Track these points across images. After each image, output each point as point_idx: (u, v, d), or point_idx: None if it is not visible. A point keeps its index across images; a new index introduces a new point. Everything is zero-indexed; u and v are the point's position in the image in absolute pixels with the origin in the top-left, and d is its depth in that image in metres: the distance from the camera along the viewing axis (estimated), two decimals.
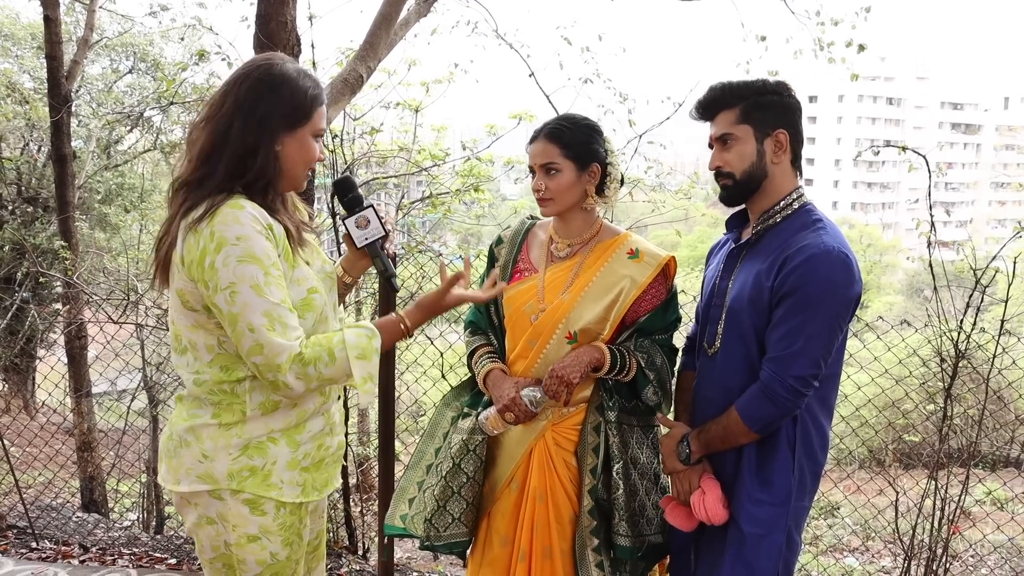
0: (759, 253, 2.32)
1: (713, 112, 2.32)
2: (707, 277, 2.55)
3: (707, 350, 2.42)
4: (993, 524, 4.95)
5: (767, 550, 2.27)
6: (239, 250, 1.85)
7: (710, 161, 2.36)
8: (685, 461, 2.38)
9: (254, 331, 1.85)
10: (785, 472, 2.28)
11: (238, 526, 2.00)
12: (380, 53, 4.68)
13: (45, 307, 9.88)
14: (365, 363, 1.95)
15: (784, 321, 2.19)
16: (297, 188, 2.10)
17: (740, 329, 2.31)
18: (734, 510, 2.31)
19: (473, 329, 2.79)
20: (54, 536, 4.78)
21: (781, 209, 2.31)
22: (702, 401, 2.46)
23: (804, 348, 2.17)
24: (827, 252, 2.16)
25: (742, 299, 2.30)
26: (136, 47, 13.57)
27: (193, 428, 2.00)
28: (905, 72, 76.18)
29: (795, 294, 2.16)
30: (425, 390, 5.21)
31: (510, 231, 2.79)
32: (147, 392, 5.82)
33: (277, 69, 1.98)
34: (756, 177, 2.30)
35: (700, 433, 2.36)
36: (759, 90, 2.28)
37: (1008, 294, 3.74)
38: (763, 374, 2.23)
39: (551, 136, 2.52)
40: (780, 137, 2.28)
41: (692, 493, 2.37)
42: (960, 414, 4.19)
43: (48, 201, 10.75)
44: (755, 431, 2.25)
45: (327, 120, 2.26)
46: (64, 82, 6.53)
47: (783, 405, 2.20)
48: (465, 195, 6.47)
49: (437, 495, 2.58)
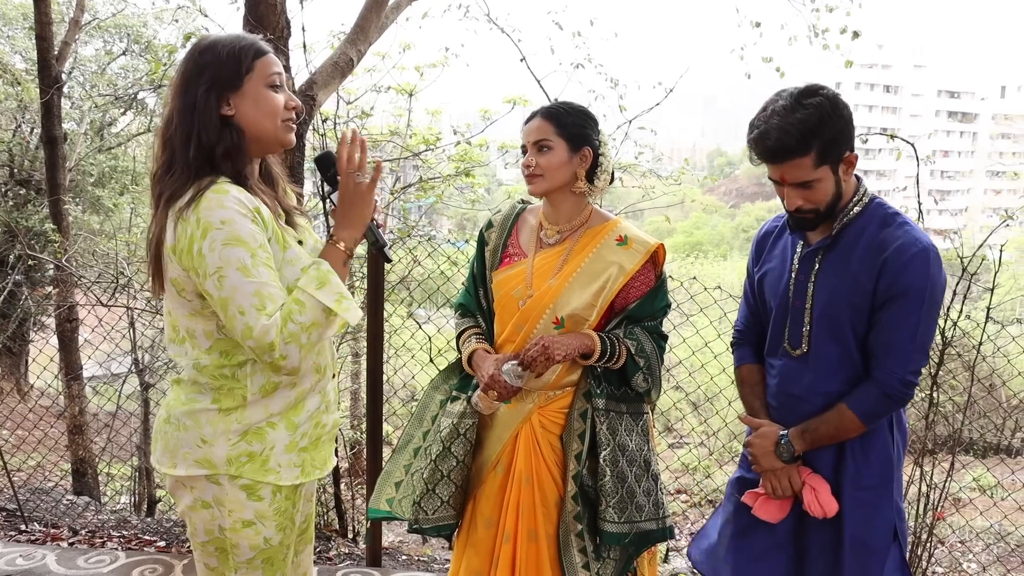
0: (843, 252, 2.32)
1: (782, 159, 2.22)
2: (771, 275, 2.51)
3: (791, 351, 2.43)
4: (980, 510, 4.99)
5: (881, 527, 2.34)
6: (224, 234, 1.85)
7: (788, 202, 2.29)
8: (789, 460, 2.39)
9: (244, 314, 1.85)
10: (886, 451, 2.36)
11: (234, 511, 2.01)
12: (371, 36, 4.65)
13: (38, 290, 9.87)
14: (328, 288, 1.93)
15: (896, 321, 2.23)
16: (282, 143, 2.05)
17: (837, 331, 2.32)
18: (843, 500, 2.35)
19: (463, 312, 2.80)
20: (43, 519, 4.79)
21: (853, 207, 2.32)
22: (790, 399, 2.46)
23: (918, 343, 2.24)
24: (925, 249, 2.20)
25: (838, 301, 2.30)
26: (129, 28, 13.48)
27: (192, 412, 2.00)
28: (902, 60, 76.10)
29: (904, 295, 2.20)
30: (413, 374, 5.22)
31: (500, 215, 2.80)
32: (138, 375, 5.82)
33: (205, 42, 1.98)
34: (836, 201, 2.30)
35: (804, 432, 2.37)
36: (826, 120, 2.18)
37: (994, 282, 3.75)
38: (878, 373, 2.27)
39: (547, 115, 2.55)
40: (851, 159, 2.27)
41: (798, 490, 2.39)
42: (946, 401, 4.21)
43: (40, 183, 10.71)
44: (868, 426, 2.31)
45: (318, 103, 2.25)
46: (54, 63, 6.50)
47: (900, 400, 2.27)
48: (457, 180, 6.47)
49: (426, 478, 2.59)
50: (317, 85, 4.22)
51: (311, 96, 4.16)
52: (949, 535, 5.06)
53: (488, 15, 5.74)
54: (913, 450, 3.90)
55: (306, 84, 4.17)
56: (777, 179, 2.27)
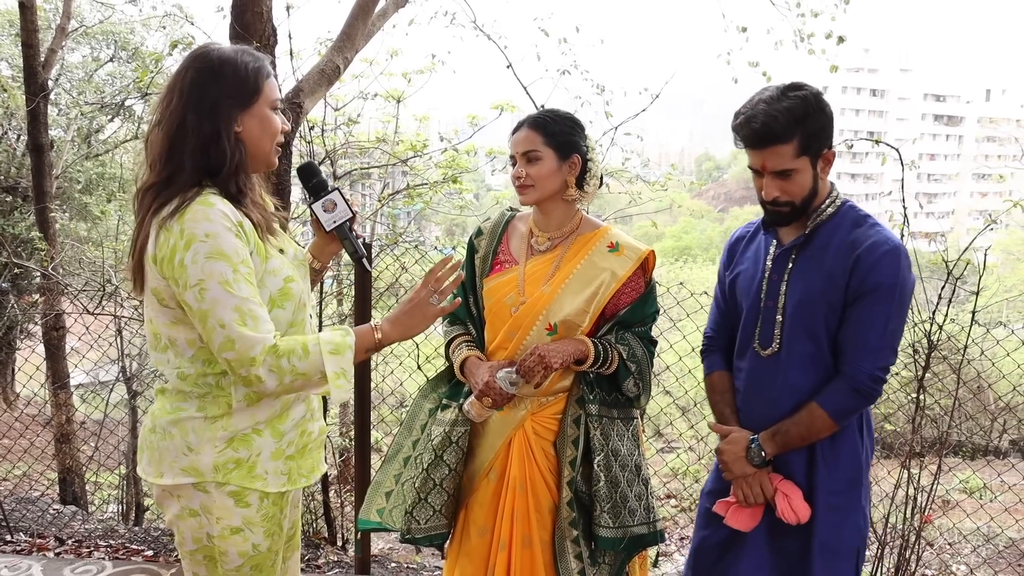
0: (816, 252, 2.35)
1: (766, 144, 2.27)
2: (743, 276, 2.54)
3: (760, 351, 2.44)
4: (968, 512, 5.00)
5: (850, 533, 2.36)
6: (207, 247, 1.85)
7: (765, 192, 2.33)
8: (760, 464, 2.40)
9: (225, 327, 1.84)
10: (855, 455, 2.37)
11: (222, 518, 2.00)
12: (357, 44, 4.65)
13: (25, 297, 9.82)
14: (338, 358, 1.94)
15: (865, 316, 2.27)
16: (270, 165, 2.09)
17: (810, 328, 2.34)
18: (815, 503, 2.35)
19: (452, 319, 2.79)
20: (29, 528, 4.76)
21: (826, 208, 2.36)
22: (760, 402, 2.46)
23: (887, 340, 2.28)
24: (896, 248, 2.26)
25: (812, 298, 2.33)
26: (116, 35, 13.45)
27: (177, 421, 1.99)
28: (888, 64, 76.56)
29: (874, 291, 2.25)
30: (401, 380, 5.22)
31: (490, 223, 2.81)
32: (125, 384, 5.79)
33: (215, 54, 1.97)
34: (811, 199, 2.34)
35: (775, 435, 2.38)
36: (811, 113, 2.24)
37: (979, 286, 3.77)
38: (847, 369, 2.29)
39: (534, 125, 2.55)
40: (829, 156, 2.31)
41: (770, 496, 2.39)
42: (933, 404, 4.23)
43: (27, 190, 10.67)
44: (839, 424, 2.33)
45: (304, 110, 2.25)
46: (40, 71, 6.48)
47: (869, 395, 2.29)
48: (444, 186, 6.47)
49: (418, 487, 2.59)
50: (304, 92, 4.21)
51: (298, 104, 4.15)
52: (937, 538, 5.08)
53: (474, 22, 5.75)
54: (900, 453, 3.92)
55: (293, 92, 4.17)
56: (758, 167, 2.32)
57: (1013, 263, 22.76)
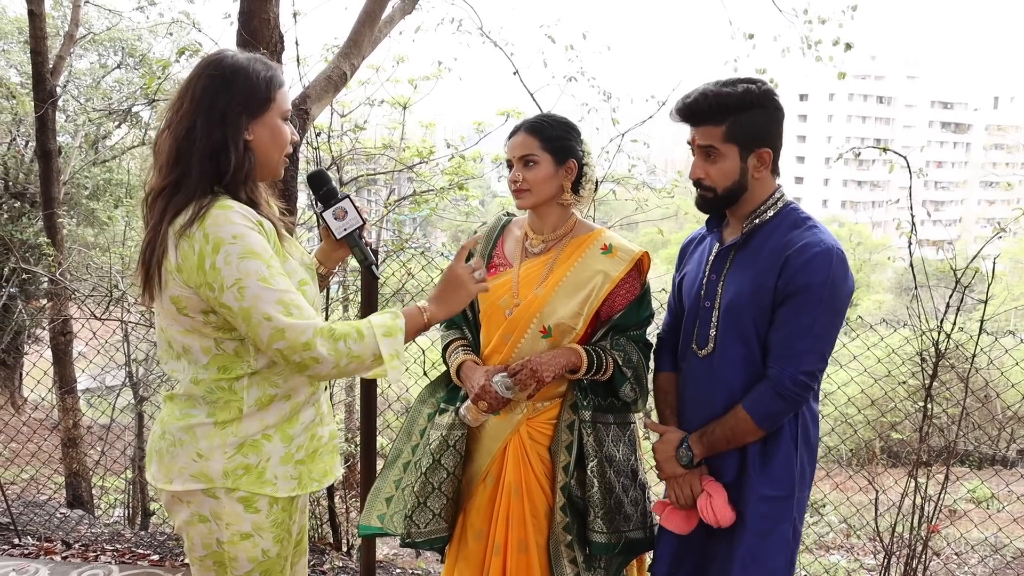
0: (752, 253, 2.34)
1: (697, 121, 2.31)
2: (688, 277, 2.56)
3: (697, 352, 2.43)
4: (976, 522, 4.98)
5: (777, 544, 2.31)
6: (238, 248, 1.86)
7: (692, 170, 2.36)
8: (688, 465, 2.39)
9: (271, 319, 1.86)
10: (788, 466, 2.32)
11: (231, 524, 2.01)
12: (364, 50, 4.66)
13: (32, 302, 9.85)
14: (391, 340, 1.97)
15: (792, 318, 2.23)
16: (275, 175, 2.09)
17: (740, 329, 2.32)
18: (742, 509, 2.33)
19: (447, 323, 2.80)
20: (37, 532, 4.77)
21: (766, 210, 2.35)
22: (694, 403, 2.46)
23: (813, 344, 2.23)
24: (828, 250, 2.21)
25: (742, 299, 2.31)
26: (124, 42, 13.48)
27: (188, 427, 2.00)
28: (895, 71, 76.42)
29: (802, 292, 2.21)
30: (408, 387, 5.22)
31: (485, 227, 2.83)
32: (132, 389, 5.81)
33: (228, 61, 1.97)
34: (737, 192, 2.33)
35: (702, 436, 2.37)
36: (746, 104, 2.26)
37: (988, 294, 3.76)
38: (772, 371, 2.26)
39: (531, 130, 2.57)
40: (764, 155, 2.30)
41: (696, 497, 2.37)
42: (940, 413, 4.21)
43: (35, 196, 10.70)
44: (764, 428, 2.29)
45: (311, 116, 2.26)
46: (49, 78, 6.50)
47: (793, 400, 2.25)
48: (451, 193, 6.48)
49: (417, 491, 2.59)
50: (311, 99, 4.23)
51: (305, 110, 4.17)
52: (944, 548, 5.05)
53: (481, 29, 5.76)
54: (907, 462, 3.90)
55: (300, 98, 4.18)
56: (690, 141, 2.35)
57: (1021, 271, 22.72)
